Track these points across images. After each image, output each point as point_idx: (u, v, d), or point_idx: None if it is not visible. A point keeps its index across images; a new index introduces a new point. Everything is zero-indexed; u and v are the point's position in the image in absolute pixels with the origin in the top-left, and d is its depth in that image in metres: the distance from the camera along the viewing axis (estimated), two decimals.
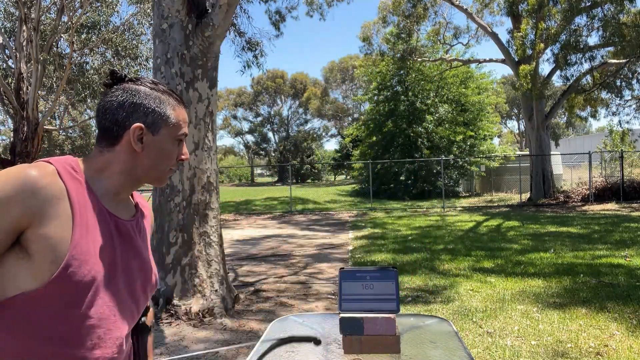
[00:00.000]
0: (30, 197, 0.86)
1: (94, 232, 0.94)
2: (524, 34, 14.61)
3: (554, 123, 38.10)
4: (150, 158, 1.01)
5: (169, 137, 1.03)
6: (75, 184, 0.94)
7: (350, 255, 7.73)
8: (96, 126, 1.03)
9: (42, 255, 0.87)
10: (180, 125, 1.05)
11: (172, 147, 1.04)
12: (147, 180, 1.05)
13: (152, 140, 1.01)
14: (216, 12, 4.87)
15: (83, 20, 18.80)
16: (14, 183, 0.87)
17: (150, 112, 1.00)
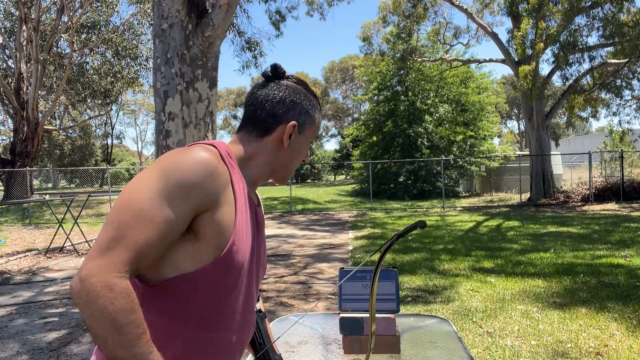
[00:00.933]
0: (212, 182, 0.89)
1: (246, 218, 0.98)
2: (524, 33, 14.62)
3: (554, 123, 38.13)
4: (290, 154, 1.06)
5: (308, 138, 1.09)
6: (233, 170, 0.97)
7: (350, 256, 7.73)
8: (246, 114, 1.06)
9: (209, 239, 0.90)
10: (318, 128, 1.12)
11: (306, 147, 1.10)
12: (278, 175, 1.08)
13: (298, 138, 1.06)
14: (216, 12, 4.87)
15: (83, 20, 18.80)
16: (198, 169, 0.88)
17: (304, 112, 1.05)
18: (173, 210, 0.84)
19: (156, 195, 0.84)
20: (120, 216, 0.83)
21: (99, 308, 0.76)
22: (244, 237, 0.95)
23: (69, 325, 4.48)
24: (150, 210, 0.83)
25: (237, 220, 0.94)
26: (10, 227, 13.47)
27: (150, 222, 0.83)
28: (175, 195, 0.85)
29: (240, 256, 0.94)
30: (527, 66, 14.65)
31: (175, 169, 0.87)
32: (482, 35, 19.73)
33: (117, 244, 0.81)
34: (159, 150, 4.90)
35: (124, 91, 24.78)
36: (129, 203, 0.84)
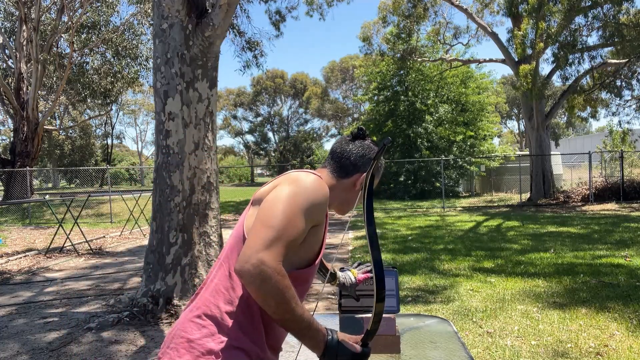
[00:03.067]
0: (325, 203, 1.20)
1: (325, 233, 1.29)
2: (524, 33, 14.61)
3: (554, 123, 38.12)
4: (354, 195, 1.35)
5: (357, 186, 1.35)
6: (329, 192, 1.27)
7: (350, 255, 7.72)
8: (334, 160, 1.35)
9: (309, 246, 1.21)
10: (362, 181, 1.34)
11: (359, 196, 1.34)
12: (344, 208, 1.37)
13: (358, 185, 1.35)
14: (216, 12, 4.87)
15: (83, 20, 18.79)
16: (322, 193, 1.19)
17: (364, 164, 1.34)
18: (306, 221, 1.14)
19: (299, 209, 1.13)
20: (278, 222, 1.10)
21: (272, 286, 1.04)
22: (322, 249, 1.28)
23: (69, 325, 4.48)
24: (297, 220, 1.12)
25: (325, 233, 1.27)
26: (10, 227, 13.46)
27: (296, 229, 1.11)
28: (309, 210, 1.15)
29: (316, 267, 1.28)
30: (527, 66, 14.65)
31: (309, 192, 1.17)
32: (482, 35, 19.72)
33: (278, 241, 1.08)
34: (159, 150, 4.90)
35: (124, 91, 24.78)
36: (284, 212, 1.11)
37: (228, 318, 1.14)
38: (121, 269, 7.27)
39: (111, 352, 3.78)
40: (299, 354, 1.40)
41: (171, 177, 4.76)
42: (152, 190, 5.18)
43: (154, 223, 4.86)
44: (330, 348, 1.09)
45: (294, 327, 1.08)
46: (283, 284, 1.05)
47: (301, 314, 1.07)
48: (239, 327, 1.14)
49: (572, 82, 16.11)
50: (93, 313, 4.83)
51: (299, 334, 1.09)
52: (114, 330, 4.28)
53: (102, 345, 3.93)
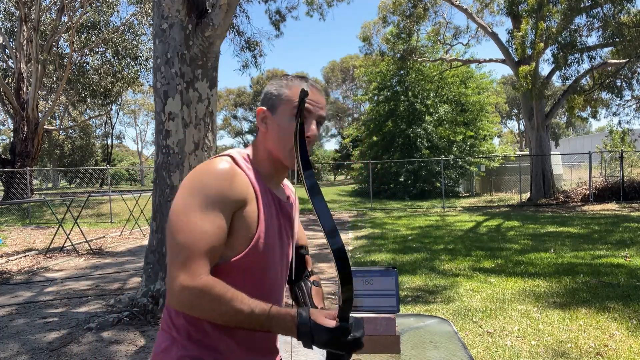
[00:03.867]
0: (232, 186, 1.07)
1: (269, 211, 1.14)
2: (524, 33, 14.61)
3: (554, 123, 38.13)
4: (274, 134, 1.15)
5: (285, 113, 1.14)
6: (250, 172, 1.14)
7: (350, 255, 7.73)
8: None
9: (240, 232, 1.09)
10: (292, 100, 1.13)
11: (290, 124, 1.11)
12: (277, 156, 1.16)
13: (274, 119, 1.16)
14: (216, 12, 4.87)
15: (83, 20, 18.79)
16: (218, 179, 1.06)
17: (272, 96, 1.17)
18: (214, 217, 1.04)
19: (198, 211, 1.04)
20: (181, 238, 1.03)
21: (203, 307, 1.01)
22: (270, 229, 1.13)
23: (69, 325, 4.48)
24: (200, 223, 1.03)
25: (261, 215, 1.12)
26: (10, 227, 13.46)
27: (204, 233, 1.03)
28: (209, 205, 1.04)
29: (268, 245, 1.13)
30: (527, 66, 14.65)
31: (201, 185, 1.06)
32: (482, 35, 19.73)
33: (191, 258, 1.02)
34: (159, 150, 4.90)
35: (124, 91, 24.78)
36: (182, 225, 1.04)
37: (177, 328, 1.12)
38: (121, 269, 7.27)
39: (111, 352, 3.78)
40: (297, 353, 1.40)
41: (171, 177, 4.76)
42: (152, 190, 5.18)
43: (154, 223, 4.86)
44: (303, 329, 1.01)
45: (251, 325, 1.03)
46: (213, 297, 1.00)
47: (251, 311, 1.01)
48: (187, 335, 1.10)
49: (572, 82, 16.11)
50: (93, 313, 4.83)
51: (263, 328, 1.03)
52: (114, 330, 4.28)
53: (102, 345, 3.93)
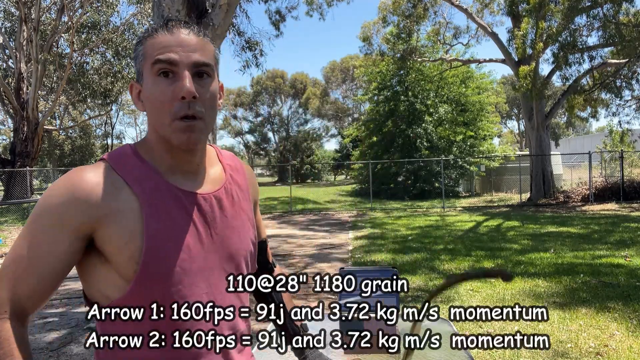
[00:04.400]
0: (79, 200, 0.82)
1: (170, 217, 0.86)
2: (524, 33, 14.61)
3: (554, 123, 38.13)
4: (150, 112, 0.88)
5: (149, 76, 0.87)
6: (136, 171, 0.87)
7: (350, 255, 7.72)
8: None
9: (118, 256, 0.82)
10: (151, 54, 0.86)
11: (156, 86, 0.86)
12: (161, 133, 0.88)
13: (143, 90, 0.89)
14: (216, 12, 4.87)
15: (83, 20, 18.79)
16: (59, 193, 0.83)
17: (134, 63, 0.92)
18: (42, 240, 0.82)
19: (26, 232, 0.84)
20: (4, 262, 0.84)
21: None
22: (169, 237, 0.85)
23: (69, 325, 4.48)
24: (21, 247, 0.83)
25: (147, 223, 0.83)
26: (10, 227, 13.46)
27: (22, 258, 0.82)
28: (40, 225, 0.83)
29: (170, 260, 0.85)
30: (527, 66, 14.64)
31: (40, 202, 0.85)
32: (482, 35, 19.71)
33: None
34: None
35: (124, 91, 24.76)
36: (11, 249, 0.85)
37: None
38: None
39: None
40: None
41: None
42: None
43: None
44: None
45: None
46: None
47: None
48: None
49: (572, 82, 16.10)
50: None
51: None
52: None
53: None
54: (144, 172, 0.88)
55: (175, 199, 0.88)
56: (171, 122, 0.85)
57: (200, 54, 0.87)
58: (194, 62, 0.86)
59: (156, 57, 0.85)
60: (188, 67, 0.85)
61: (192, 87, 0.84)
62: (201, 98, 0.86)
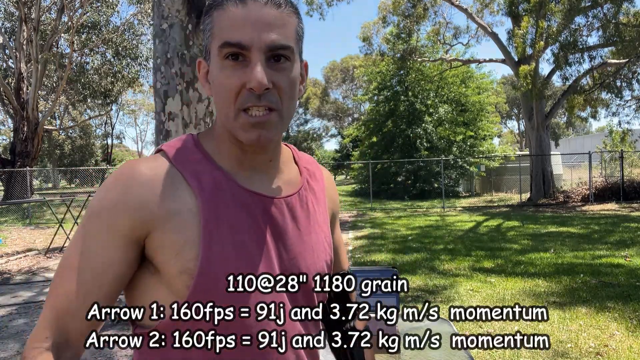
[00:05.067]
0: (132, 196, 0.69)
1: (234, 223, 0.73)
2: (524, 32, 14.61)
3: (554, 123, 38.15)
4: (216, 99, 0.75)
5: (215, 57, 0.74)
6: (196, 165, 0.75)
7: (350, 256, 7.72)
8: None
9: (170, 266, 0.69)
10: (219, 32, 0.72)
11: (222, 72, 0.72)
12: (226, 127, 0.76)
13: (210, 72, 0.77)
14: None
15: (83, 20, 18.79)
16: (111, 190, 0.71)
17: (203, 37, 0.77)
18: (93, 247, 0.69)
19: (78, 237, 0.71)
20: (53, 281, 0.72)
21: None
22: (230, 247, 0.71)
23: None
24: (70, 256, 0.70)
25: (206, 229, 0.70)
26: (10, 227, 13.46)
27: (70, 270, 0.70)
28: (92, 229, 0.70)
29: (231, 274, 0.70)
30: (527, 66, 14.64)
31: (91, 203, 0.72)
32: (482, 35, 19.72)
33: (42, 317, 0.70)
34: None
35: (124, 91, 24.79)
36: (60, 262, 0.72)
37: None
38: None
39: (111, 352, 3.78)
40: None
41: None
42: None
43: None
44: None
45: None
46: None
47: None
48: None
49: (572, 82, 16.11)
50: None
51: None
52: (114, 330, 4.28)
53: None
54: (205, 166, 0.75)
55: (240, 200, 0.75)
56: (237, 115, 0.72)
57: (278, 33, 0.71)
58: (270, 45, 0.70)
59: (225, 39, 0.71)
60: (262, 50, 0.70)
61: (264, 77, 0.69)
62: (277, 86, 0.72)
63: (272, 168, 0.81)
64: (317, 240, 0.83)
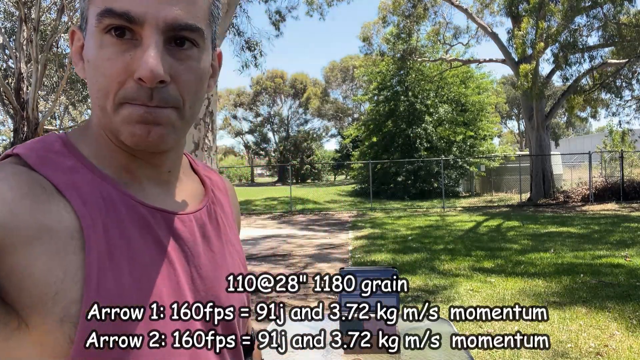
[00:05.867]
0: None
1: (128, 244, 0.54)
2: (524, 33, 14.61)
3: (554, 123, 38.13)
4: (90, 86, 0.56)
5: (93, 29, 0.54)
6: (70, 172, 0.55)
7: (350, 256, 7.73)
8: None
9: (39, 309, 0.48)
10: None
11: (102, 50, 0.53)
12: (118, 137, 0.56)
13: (85, 48, 0.56)
14: None
15: None
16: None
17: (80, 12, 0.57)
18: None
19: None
20: None
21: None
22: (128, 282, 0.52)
23: None
24: None
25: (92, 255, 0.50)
26: None
27: None
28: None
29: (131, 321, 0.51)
30: (527, 66, 14.65)
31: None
32: (482, 35, 19.72)
33: None
34: None
35: None
36: None
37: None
38: None
39: None
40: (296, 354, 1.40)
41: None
42: None
43: None
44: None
45: None
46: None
47: None
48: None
49: (572, 82, 16.11)
50: None
51: None
52: None
53: None
54: (84, 175, 0.55)
55: (137, 218, 0.56)
56: (118, 107, 0.53)
57: (183, 9, 0.53)
58: (171, 23, 0.53)
59: (107, 5, 0.52)
60: (159, 28, 0.52)
61: (160, 66, 0.51)
62: (176, 79, 0.54)
63: (172, 178, 0.64)
64: (232, 263, 0.68)
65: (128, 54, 0.52)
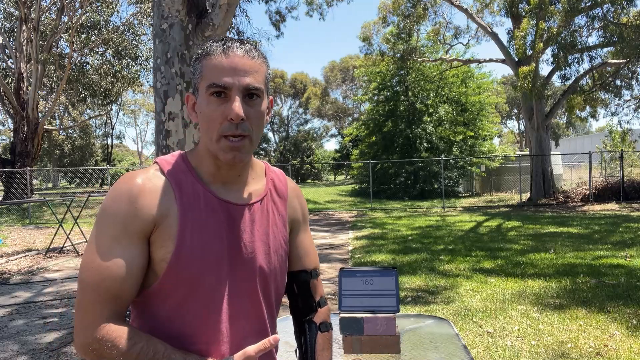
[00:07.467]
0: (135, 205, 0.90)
1: (200, 223, 0.94)
2: (524, 33, 14.61)
3: (554, 123, 38.13)
4: (201, 126, 0.96)
5: (203, 94, 0.93)
6: (181, 176, 0.96)
7: (351, 256, 7.72)
8: None
9: (156, 254, 0.91)
10: (208, 75, 0.92)
11: (208, 105, 0.92)
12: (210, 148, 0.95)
13: (198, 105, 0.96)
14: (216, 12, 4.87)
15: (83, 20, 18.78)
16: (116, 200, 0.92)
17: (194, 76, 0.97)
18: (121, 249, 0.88)
19: (96, 244, 0.89)
20: (84, 278, 0.89)
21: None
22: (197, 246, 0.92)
23: (69, 325, 4.48)
24: (96, 261, 0.88)
25: (181, 228, 0.91)
26: (10, 227, 13.46)
27: (100, 271, 0.87)
28: (108, 235, 0.89)
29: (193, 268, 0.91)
30: (527, 66, 14.65)
31: (105, 211, 0.92)
32: (482, 35, 19.73)
33: (84, 307, 0.88)
34: (159, 150, 4.90)
35: (124, 91, 24.79)
36: (86, 262, 0.90)
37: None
38: None
39: None
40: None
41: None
42: None
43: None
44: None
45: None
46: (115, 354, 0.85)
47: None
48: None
49: (572, 83, 16.12)
50: None
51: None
52: None
53: None
54: (188, 178, 0.96)
55: (210, 206, 0.96)
56: (219, 140, 0.92)
57: (252, 77, 0.93)
58: (245, 87, 0.92)
59: (212, 81, 0.91)
60: (239, 90, 0.91)
61: (241, 111, 0.90)
62: (249, 118, 0.92)
63: (241, 181, 1.02)
64: (274, 238, 1.04)
65: (223, 106, 0.91)
